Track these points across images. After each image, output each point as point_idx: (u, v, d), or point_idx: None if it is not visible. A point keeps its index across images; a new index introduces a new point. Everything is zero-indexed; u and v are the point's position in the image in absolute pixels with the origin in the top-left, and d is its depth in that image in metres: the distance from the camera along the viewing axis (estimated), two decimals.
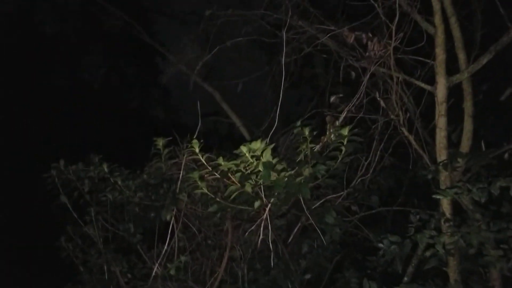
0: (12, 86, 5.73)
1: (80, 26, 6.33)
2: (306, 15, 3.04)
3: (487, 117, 3.68)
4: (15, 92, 5.74)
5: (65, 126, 5.72)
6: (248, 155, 2.20)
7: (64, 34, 6.22)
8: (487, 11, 3.26)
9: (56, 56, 6.14)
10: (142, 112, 7.21)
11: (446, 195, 2.31)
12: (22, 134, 5.59)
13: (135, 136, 6.00)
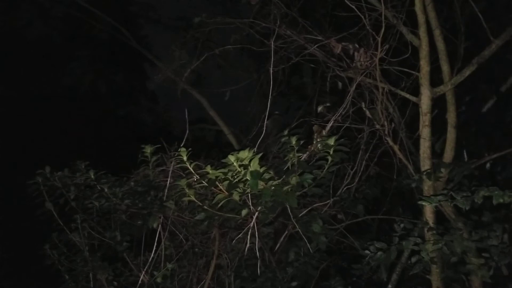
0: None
1: (66, 31, 6.27)
2: (294, 24, 3.09)
3: (469, 128, 3.77)
4: None
5: (51, 132, 5.63)
6: (236, 164, 2.22)
7: (49, 39, 6.15)
8: (471, 25, 3.35)
9: (41, 61, 6.06)
10: (129, 119, 7.15)
11: (431, 202, 2.36)
12: (6, 141, 5.49)
13: (122, 142, 5.95)
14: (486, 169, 3.74)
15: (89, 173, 2.95)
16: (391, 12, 2.88)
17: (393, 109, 3.17)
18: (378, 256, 2.63)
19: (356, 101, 3.02)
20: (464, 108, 3.87)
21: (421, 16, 2.86)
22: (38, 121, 5.65)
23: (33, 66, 6.00)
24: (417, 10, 2.85)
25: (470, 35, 3.38)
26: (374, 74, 2.89)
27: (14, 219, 5.05)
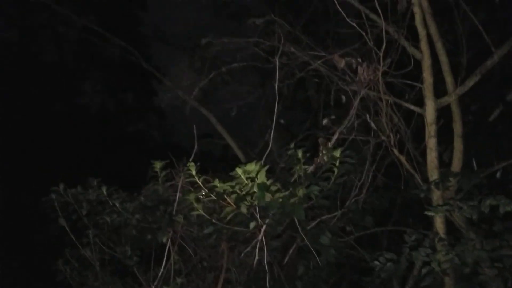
0: (12, 112, 5.80)
1: (79, 53, 6.47)
2: (298, 42, 3.16)
3: (477, 137, 3.77)
4: (15, 117, 5.81)
5: (64, 150, 5.77)
6: (243, 177, 2.26)
7: (63, 61, 6.36)
8: (472, 36, 3.40)
9: (55, 82, 6.25)
10: (139, 135, 7.28)
11: (438, 212, 2.36)
12: (22, 159, 5.63)
13: (132, 159, 6.05)
14: (496, 178, 3.72)
15: (101, 189, 3.02)
16: (392, 27, 2.94)
17: (399, 120, 3.19)
18: (388, 267, 2.61)
19: (360, 113, 3.06)
20: (470, 118, 3.88)
21: (421, 30, 2.91)
22: (52, 139, 5.79)
23: (47, 87, 6.19)
24: (418, 25, 2.91)
25: (472, 46, 3.42)
26: (377, 87, 2.94)
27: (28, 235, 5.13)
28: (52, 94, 6.25)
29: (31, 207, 3.55)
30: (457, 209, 2.35)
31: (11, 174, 5.45)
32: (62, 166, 5.37)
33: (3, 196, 5.32)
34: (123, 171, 5.08)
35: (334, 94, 3.24)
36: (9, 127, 5.63)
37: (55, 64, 6.27)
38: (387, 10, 2.96)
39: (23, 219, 5.15)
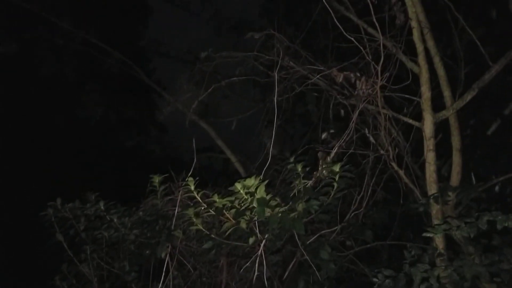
0: (11, 125, 5.81)
1: (79, 67, 6.51)
2: (297, 56, 3.19)
3: (475, 151, 3.78)
4: (13, 130, 5.81)
5: (63, 163, 5.76)
6: (243, 192, 2.26)
7: (63, 74, 6.40)
8: (470, 50, 3.43)
9: (54, 95, 6.28)
10: (138, 149, 7.28)
11: (436, 232, 2.35)
12: (19, 172, 5.61)
13: (131, 172, 6.04)
14: (495, 192, 3.72)
15: (99, 204, 3.01)
16: (390, 42, 2.97)
17: (397, 134, 3.20)
18: (387, 284, 2.59)
19: (359, 127, 3.07)
20: (469, 132, 3.89)
21: (419, 44, 2.94)
22: (51, 152, 5.79)
23: (47, 100, 6.21)
24: (415, 39, 2.94)
25: (470, 61, 3.45)
26: (376, 101, 2.95)
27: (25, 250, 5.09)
28: (51, 107, 6.27)
29: (28, 222, 3.53)
30: (455, 228, 2.34)
31: (8, 188, 5.43)
32: (60, 179, 5.35)
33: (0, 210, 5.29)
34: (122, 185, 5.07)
35: (333, 108, 3.25)
36: (8, 139, 5.64)
37: (55, 77, 6.30)
38: (385, 24, 2.99)
39: (20, 234, 5.11)
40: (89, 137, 6.46)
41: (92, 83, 6.76)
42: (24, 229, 4.72)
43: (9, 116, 5.81)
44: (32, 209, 3.21)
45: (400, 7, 2.97)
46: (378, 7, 2.96)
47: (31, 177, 5.62)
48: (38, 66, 6.16)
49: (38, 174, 5.63)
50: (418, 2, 2.93)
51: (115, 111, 6.91)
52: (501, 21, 3.79)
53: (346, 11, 3.28)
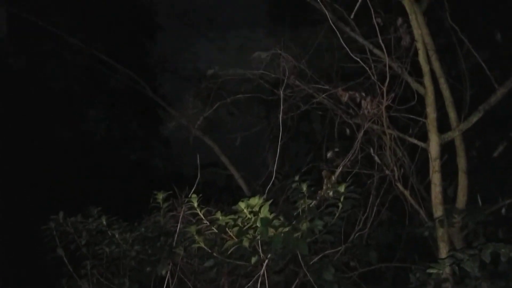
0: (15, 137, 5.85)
1: (85, 81, 6.58)
2: (303, 75, 3.21)
3: (481, 173, 3.74)
4: (18, 142, 5.85)
5: (66, 177, 5.77)
6: (246, 211, 2.24)
7: (69, 88, 6.46)
8: (475, 72, 3.44)
9: (61, 109, 6.33)
10: (142, 164, 7.28)
11: (440, 268, 2.31)
12: (22, 185, 5.62)
13: (135, 187, 6.04)
14: (502, 215, 3.67)
15: (101, 219, 2.99)
16: (396, 63, 2.98)
17: (402, 154, 3.19)
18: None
19: (364, 147, 3.06)
20: (474, 153, 3.87)
21: (425, 66, 2.95)
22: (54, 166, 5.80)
23: (52, 113, 6.26)
24: (421, 61, 2.95)
25: (475, 82, 3.46)
26: (381, 121, 2.95)
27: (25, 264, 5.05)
28: (57, 121, 6.32)
29: (29, 235, 3.51)
30: (459, 262, 2.30)
31: (11, 200, 5.43)
32: (63, 193, 5.35)
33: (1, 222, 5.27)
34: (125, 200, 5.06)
35: (338, 127, 3.25)
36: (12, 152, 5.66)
37: (62, 91, 6.37)
38: (391, 45, 3.01)
39: (21, 248, 5.09)
40: (93, 151, 6.48)
41: (98, 98, 6.82)
42: (25, 243, 4.70)
43: (14, 129, 5.85)
44: (34, 222, 3.20)
45: (406, 29, 2.99)
46: (383, 28, 2.99)
47: (34, 190, 5.63)
48: (46, 80, 6.24)
49: (41, 187, 5.63)
50: (424, 24, 2.96)
51: (120, 126, 6.95)
52: (506, 43, 3.81)
53: (351, 32, 3.32)
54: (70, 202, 3.21)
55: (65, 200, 3.86)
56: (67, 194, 5.23)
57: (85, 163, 6.14)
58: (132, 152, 7.30)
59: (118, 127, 6.92)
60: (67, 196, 4.93)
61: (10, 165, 5.59)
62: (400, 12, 3.02)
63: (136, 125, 7.30)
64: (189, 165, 6.26)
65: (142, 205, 3.16)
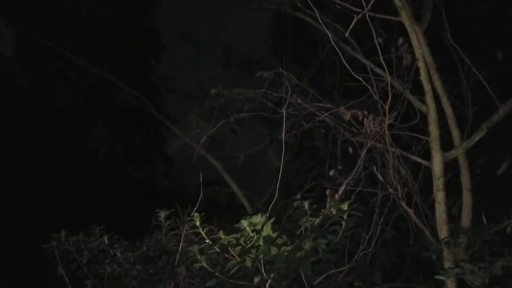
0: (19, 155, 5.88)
1: (90, 100, 6.65)
2: (305, 93, 3.23)
3: (485, 191, 3.72)
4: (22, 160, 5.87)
5: (69, 195, 5.77)
6: (249, 229, 2.22)
7: (74, 107, 6.53)
8: (477, 90, 3.45)
9: (65, 127, 6.38)
10: (145, 182, 7.28)
11: (448, 276, 2.27)
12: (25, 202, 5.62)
13: (137, 205, 6.02)
14: (508, 234, 3.62)
15: (103, 238, 2.97)
16: (398, 81, 3.00)
17: (406, 172, 3.18)
18: None
19: (367, 165, 3.05)
20: (478, 171, 3.85)
21: (426, 85, 2.97)
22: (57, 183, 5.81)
23: (57, 132, 6.31)
24: (423, 80, 2.97)
25: (477, 101, 3.47)
26: (384, 139, 2.95)
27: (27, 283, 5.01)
28: (60, 139, 6.36)
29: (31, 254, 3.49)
30: (468, 272, 2.26)
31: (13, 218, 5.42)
32: (65, 211, 5.34)
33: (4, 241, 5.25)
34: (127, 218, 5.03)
35: (341, 145, 3.25)
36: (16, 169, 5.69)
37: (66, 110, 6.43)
38: (392, 64, 3.04)
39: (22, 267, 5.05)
40: (96, 169, 6.49)
41: (102, 116, 6.87)
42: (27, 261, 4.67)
43: (19, 146, 5.89)
44: (36, 240, 3.19)
45: (407, 48, 3.02)
46: (385, 48, 3.02)
47: (37, 208, 5.62)
48: (51, 99, 6.31)
49: (44, 205, 5.63)
50: (425, 44, 2.99)
51: (123, 144, 6.97)
52: (507, 62, 3.84)
53: (353, 52, 3.35)
54: (72, 220, 3.20)
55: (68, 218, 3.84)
56: (69, 212, 5.22)
57: (88, 181, 6.14)
58: (135, 170, 7.31)
59: (121, 145, 6.95)
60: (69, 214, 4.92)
61: (14, 182, 5.60)
62: (401, 31, 3.06)
63: (139, 143, 7.33)
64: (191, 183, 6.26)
65: (144, 223, 3.15)
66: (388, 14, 2.97)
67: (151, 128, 7.05)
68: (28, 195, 5.68)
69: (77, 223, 3.18)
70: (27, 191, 5.70)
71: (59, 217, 4.67)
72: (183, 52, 6.73)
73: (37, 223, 5.20)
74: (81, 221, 3.20)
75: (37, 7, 5.95)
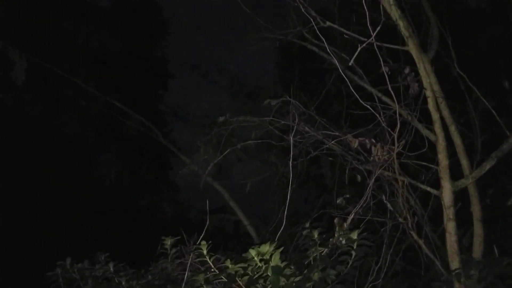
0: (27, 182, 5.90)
1: (99, 127, 6.73)
2: (312, 121, 3.24)
3: (497, 222, 3.65)
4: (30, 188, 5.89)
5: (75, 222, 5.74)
6: (257, 259, 2.18)
7: (83, 135, 6.60)
8: (485, 119, 3.45)
9: (73, 155, 6.43)
10: (151, 209, 7.25)
11: None
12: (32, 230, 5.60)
13: (143, 232, 5.97)
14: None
15: (108, 266, 2.93)
16: (405, 110, 3.01)
17: (415, 202, 3.13)
18: None
19: (376, 193, 3.01)
20: (488, 201, 3.79)
21: (434, 113, 2.98)
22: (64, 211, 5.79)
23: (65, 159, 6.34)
24: (431, 108, 2.98)
25: (486, 129, 3.46)
26: (392, 167, 2.93)
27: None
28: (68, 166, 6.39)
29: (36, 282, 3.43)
30: None
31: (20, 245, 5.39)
32: (72, 238, 5.30)
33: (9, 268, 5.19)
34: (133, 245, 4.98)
35: (349, 173, 3.23)
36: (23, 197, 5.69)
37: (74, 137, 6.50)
38: (400, 93, 3.05)
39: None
40: (102, 196, 6.49)
41: (110, 143, 6.93)
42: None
43: (27, 173, 5.92)
44: (41, 267, 3.14)
45: (414, 77, 3.05)
46: (391, 77, 3.04)
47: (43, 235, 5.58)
48: (60, 126, 6.39)
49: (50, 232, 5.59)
50: (432, 73, 3.02)
51: (130, 171, 6.99)
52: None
53: (360, 80, 3.39)
54: (78, 247, 3.17)
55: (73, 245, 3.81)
56: (75, 239, 5.18)
57: (94, 208, 6.13)
58: (141, 197, 7.29)
59: (128, 172, 6.96)
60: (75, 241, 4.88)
61: (21, 209, 5.60)
62: (408, 60, 3.10)
63: (146, 171, 7.35)
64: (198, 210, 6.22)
65: (150, 250, 3.11)
66: (395, 43, 3.01)
67: (158, 155, 7.09)
68: (35, 222, 5.67)
69: (83, 250, 3.14)
70: (34, 218, 5.68)
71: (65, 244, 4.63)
72: (191, 80, 6.85)
73: (43, 250, 5.16)
74: (86, 248, 3.16)
75: (49, 36, 6.13)
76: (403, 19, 2.91)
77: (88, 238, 5.31)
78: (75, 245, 3.76)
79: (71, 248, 3.19)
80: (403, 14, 3.00)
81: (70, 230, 5.59)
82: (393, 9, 2.85)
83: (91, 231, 5.66)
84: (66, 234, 5.49)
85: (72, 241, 4.94)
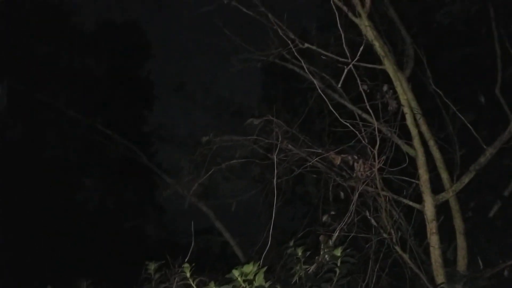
0: (10, 208, 5.77)
1: (82, 150, 6.66)
2: (295, 139, 3.28)
3: (479, 234, 3.70)
4: (12, 213, 5.76)
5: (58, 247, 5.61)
6: (240, 280, 2.16)
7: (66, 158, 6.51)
8: (463, 134, 3.53)
9: (56, 178, 6.33)
10: (136, 232, 7.13)
11: None
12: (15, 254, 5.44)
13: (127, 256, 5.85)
14: (505, 277, 3.56)
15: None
16: (385, 126, 3.07)
17: (399, 216, 3.17)
18: None
19: (360, 209, 3.04)
20: (470, 214, 3.85)
21: (413, 129, 3.05)
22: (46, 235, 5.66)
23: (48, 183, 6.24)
24: (409, 124, 3.05)
25: (464, 143, 3.54)
26: (375, 183, 2.97)
27: None
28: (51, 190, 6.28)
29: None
30: None
31: (3, 271, 5.22)
32: (53, 264, 5.17)
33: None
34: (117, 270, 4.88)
35: (333, 189, 3.26)
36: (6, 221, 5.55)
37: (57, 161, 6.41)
38: (379, 110, 3.12)
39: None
40: (85, 220, 6.37)
41: (94, 166, 6.85)
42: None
43: (8, 198, 5.79)
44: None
45: (392, 95, 3.12)
46: (370, 94, 3.12)
47: (24, 261, 5.43)
48: (42, 150, 6.30)
49: (32, 258, 5.45)
50: (409, 90, 3.10)
51: (114, 194, 6.90)
52: (490, 106, 3.97)
53: (340, 98, 3.45)
54: (60, 272, 3.09)
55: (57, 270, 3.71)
56: (58, 264, 5.05)
57: (77, 233, 6.00)
58: (126, 220, 7.18)
59: (112, 195, 6.87)
60: (57, 267, 4.75)
61: (2, 234, 5.45)
62: (386, 78, 3.18)
63: (130, 193, 7.26)
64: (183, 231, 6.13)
65: (134, 273, 3.05)
66: (372, 62, 3.10)
67: (143, 177, 7.01)
68: (16, 246, 5.51)
69: (65, 276, 3.07)
70: (15, 242, 5.53)
71: (47, 269, 4.50)
72: (175, 101, 6.87)
73: (23, 276, 5.00)
74: (68, 273, 3.09)
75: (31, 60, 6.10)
76: (379, 39, 3.00)
77: (71, 263, 5.18)
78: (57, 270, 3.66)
79: (53, 274, 3.11)
80: (380, 35, 3.10)
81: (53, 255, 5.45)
82: (369, 30, 2.94)
83: (73, 256, 5.53)
84: (48, 259, 5.35)
85: (54, 267, 4.81)
